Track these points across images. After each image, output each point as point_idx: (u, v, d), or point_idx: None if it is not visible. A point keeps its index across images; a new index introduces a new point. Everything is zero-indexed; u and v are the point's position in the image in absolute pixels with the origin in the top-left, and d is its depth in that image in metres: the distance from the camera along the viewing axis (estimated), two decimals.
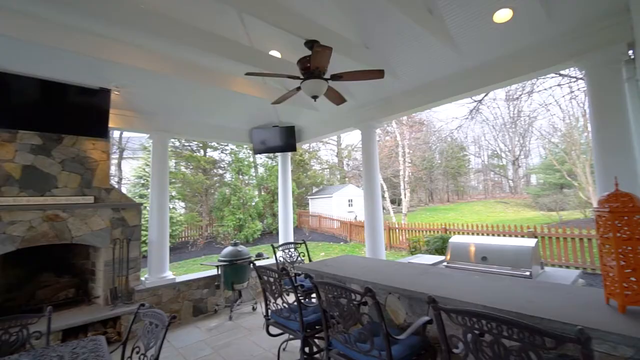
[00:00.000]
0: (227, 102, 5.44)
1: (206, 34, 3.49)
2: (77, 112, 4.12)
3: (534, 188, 22.47)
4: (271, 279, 2.53)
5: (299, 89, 3.23)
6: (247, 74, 3.02)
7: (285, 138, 6.22)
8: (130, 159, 15.84)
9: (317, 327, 2.47)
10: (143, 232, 6.33)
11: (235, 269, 4.74)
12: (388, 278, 2.52)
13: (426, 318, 1.88)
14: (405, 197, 15.41)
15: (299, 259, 4.41)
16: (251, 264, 2.97)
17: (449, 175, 29.56)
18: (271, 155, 15.88)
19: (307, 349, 2.49)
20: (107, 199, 4.56)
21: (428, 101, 4.28)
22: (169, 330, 2.29)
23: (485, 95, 13.12)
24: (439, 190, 30.97)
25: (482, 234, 8.48)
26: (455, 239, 4.11)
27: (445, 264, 3.90)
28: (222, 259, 4.76)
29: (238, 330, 4.21)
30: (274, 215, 15.40)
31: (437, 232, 9.52)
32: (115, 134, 15.05)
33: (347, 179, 25.31)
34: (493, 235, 8.20)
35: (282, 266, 2.43)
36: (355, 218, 16.03)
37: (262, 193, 16.10)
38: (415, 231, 10.46)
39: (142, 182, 12.05)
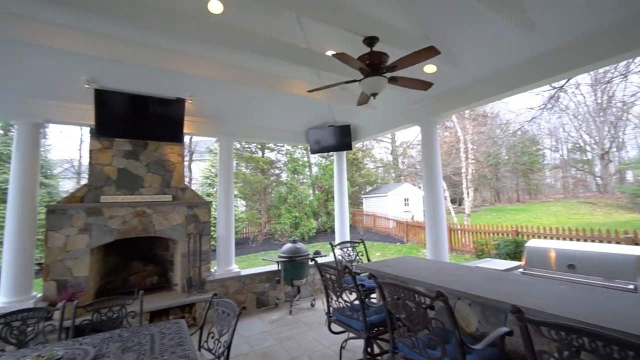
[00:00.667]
0: (285, 104, 5.64)
1: (266, 39, 3.67)
2: (158, 121, 4.64)
3: (630, 186, 19.13)
4: (333, 277, 2.56)
5: (348, 82, 3.21)
6: (310, 91, 3.09)
7: (340, 137, 6.24)
8: (199, 161, 17.41)
9: (380, 328, 2.43)
10: (212, 228, 6.89)
11: (294, 265, 4.91)
12: (456, 282, 2.36)
13: (505, 329, 1.72)
14: (468, 197, 14.34)
15: (357, 258, 4.39)
16: (313, 261, 3.03)
17: (519, 173, 26.71)
18: (325, 154, 16.09)
19: (369, 349, 2.47)
20: (183, 197, 5.07)
21: (498, 91, 3.91)
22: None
23: (567, 81, 11.53)
24: (507, 189, 28.21)
25: (565, 239, 7.48)
26: (533, 243, 3.70)
27: (521, 270, 3.53)
28: (282, 255, 4.96)
29: (298, 325, 4.35)
30: (329, 214, 15.57)
31: (507, 234, 8.68)
32: (186, 138, 16.65)
33: (402, 177, 24.48)
34: (579, 240, 7.18)
35: (345, 265, 2.44)
36: (412, 218, 15.43)
37: (317, 192, 16.40)
38: (481, 233, 9.67)
39: (209, 182, 13.17)
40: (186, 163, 17.04)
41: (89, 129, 4.56)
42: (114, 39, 3.62)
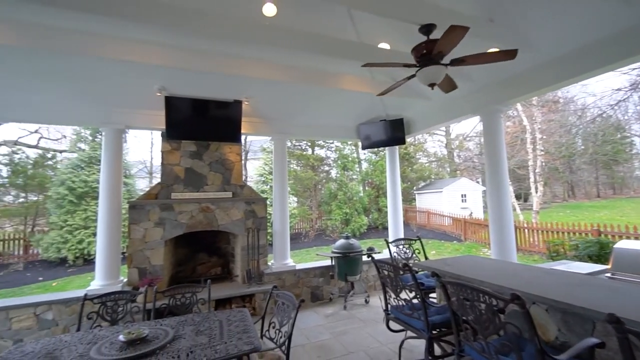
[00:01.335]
0: (336, 100, 5.64)
1: (318, 37, 3.69)
2: (219, 123, 4.97)
3: None
4: (392, 274, 2.50)
5: (409, 78, 3.07)
6: (365, 65, 3.01)
7: (392, 131, 6.06)
8: (253, 160, 18.33)
9: (443, 329, 2.32)
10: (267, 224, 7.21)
11: (348, 261, 4.91)
12: (530, 285, 2.15)
13: (595, 340, 1.52)
14: (536, 192, 12.94)
15: (413, 256, 4.24)
16: (370, 258, 2.99)
17: (599, 164, 23.34)
18: (375, 150, 15.79)
19: (430, 350, 2.37)
20: (241, 194, 5.38)
21: (579, 72, 3.43)
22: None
23: None
24: (584, 183, 24.89)
25: None
26: (623, 244, 3.22)
27: (608, 274, 3.09)
28: (336, 250, 4.99)
29: (353, 321, 4.35)
30: (379, 210, 15.29)
31: (587, 234, 7.65)
32: (242, 138, 17.61)
33: (458, 172, 23.01)
34: None
35: (405, 262, 2.36)
36: (471, 215, 14.43)
37: (367, 188, 16.19)
38: (554, 232, 8.66)
39: (263, 179, 13.78)
40: (242, 162, 18.02)
41: (160, 132, 5.08)
42: (180, 49, 3.96)
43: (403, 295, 2.65)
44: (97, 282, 4.31)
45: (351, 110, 6.00)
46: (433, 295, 3.45)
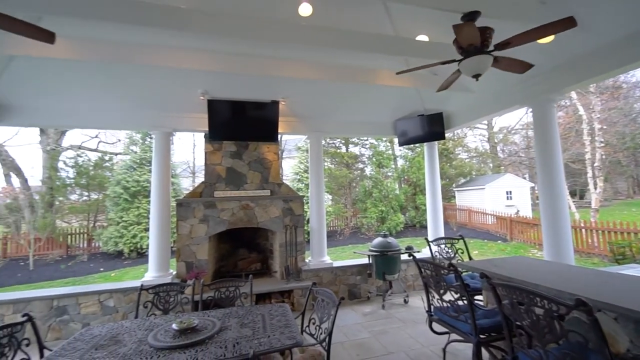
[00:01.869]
0: (372, 96, 5.56)
1: (353, 33, 3.64)
2: (257, 123, 5.11)
3: None
4: (435, 274, 2.41)
5: (442, 63, 2.93)
6: (399, 73, 2.95)
7: (431, 126, 5.84)
8: (288, 158, 18.68)
9: (492, 333, 2.19)
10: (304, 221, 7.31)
11: (386, 259, 4.83)
12: (595, 291, 1.95)
13: None
14: (595, 188, 11.73)
15: (456, 256, 4.05)
16: (411, 257, 2.92)
17: None
18: (411, 146, 15.31)
19: (478, 355, 2.25)
20: (279, 192, 5.51)
21: None
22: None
23: None
24: None
25: None
26: None
27: None
28: (373, 249, 4.93)
29: (392, 321, 4.28)
30: (417, 208, 14.84)
31: None
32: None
33: (502, 167, 21.59)
34: None
35: (449, 262, 2.26)
36: (517, 213, 13.48)
37: (403, 185, 15.78)
38: (618, 233, 7.81)
39: (298, 177, 13.99)
40: (279, 160, 18.44)
41: (203, 134, 5.35)
42: (220, 54, 4.13)
43: (446, 296, 2.55)
44: (150, 274, 4.67)
45: (387, 106, 5.88)
46: (478, 297, 3.28)
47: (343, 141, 17.36)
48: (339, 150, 17.05)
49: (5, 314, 3.99)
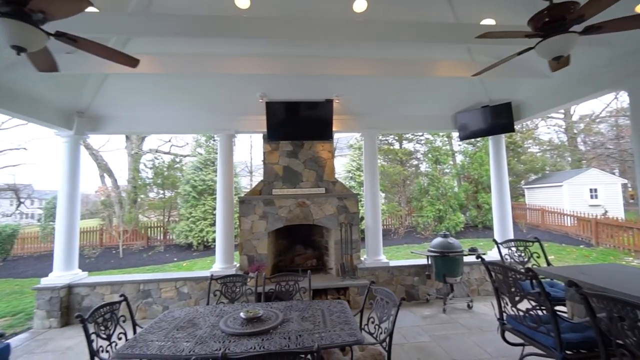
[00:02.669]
0: (430, 89, 5.30)
1: (410, 25, 3.49)
2: (311, 122, 5.21)
3: None
4: (509, 279, 2.21)
5: (521, 53, 2.63)
6: (479, 37, 2.71)
7: (497, 118, 5.35)
8: (340, 157, 18.73)
9: (581, 350, 1.93)
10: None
11: (446, 261, 4.57)
12: None
13: None
14: None
15: (530, 260, 3.66)
16: (479, 259, 2.71)
17: None
18: (472, 140, 14.23)
19: None
20: (333, 190, 5.56)
21: None
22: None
23: None
24: None
25: None
26: None
27: None
28: (433, 249, 4.70)
29: (454, 326, 4.03)
30: (479, 207, 13.76)
31: None
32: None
33: (584, 161, 18.91)
34: None
35: (527, 267, 2.04)
36: (605, 214, 11.70)
37: (463, 183, 14.74)
38: None
39: (350, 175, 13.94)
40: (333, 159, 18.56)
41: (261, 135, 5.62)
42: (277, 57, 4.29)
43: (518, 303, 2.32)
44: (217, 265, 5.07)
45: (447, 98, 5.54)
46: (560, 308, 2.92)
47: (396, 137, 16.83)
48: (392, 147, 16.58)
49: (104, 294, 4.69)
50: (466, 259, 4.78)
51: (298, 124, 5.22)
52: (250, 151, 22.78)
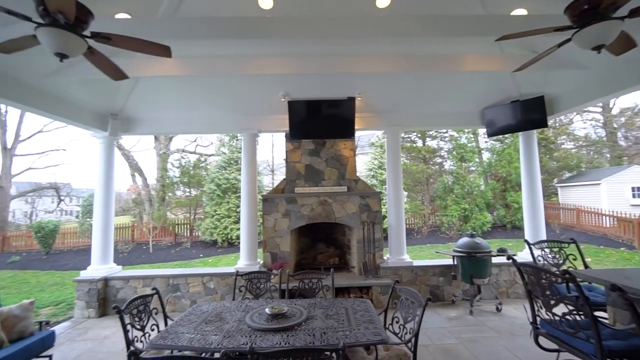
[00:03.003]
0: (455, 85, 5.13)
1: (436, 18, 3.40)
2: (334, 121, 5.19)
3: None
4: (543, 282, 2.10)
5: (561, 44, 2.49)
6: (499, 39, 2.61)
7: (528, 113, 5.09)
8: (361, 155, 18.58)
9: (624, 359, 1.81)
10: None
11: (473, 261, 4.42)
12: None
13: None
14: None
15: (564, 262, 3.47)
16: (511, 260, 2.61)
17: None
18: (500, 137, 13.66)
19: None
20: (356, 188, 5.53)
21: None
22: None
23: None
24: None
25: None
26: None
27: None
28: (459, 249, 4.56)
29: (482, 329, 3.90)
30: (507, 207, 13.20)
31: None
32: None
33: (625, 158, 17.65)
34: None
35: (565, 270, 1.92)
36: None
37: (490, 181, 14.19)
38: None
39: (372, 174, 13.79)
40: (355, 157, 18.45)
41: (284, 134, 5.68)
42: (299, 56, 4.30)
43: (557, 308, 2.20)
44: (241, 262, 5.19)
45: (473, 93, 5.35)
46: (598, 313, 2.75)
47: (419, 135, 16.47)
48: (415, 145, 16.25)
49: (137, 287, 4.94)
50: (494, 259, 4.60)
51: (320, 123, 5.22)
52: (271, 150, 23.08)
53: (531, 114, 5.06)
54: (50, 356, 3.13)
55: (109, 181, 5.23)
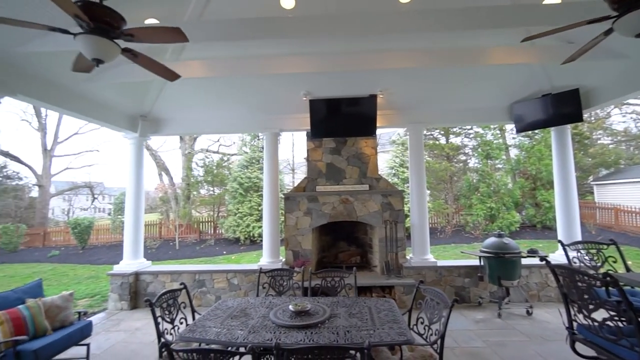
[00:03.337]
0: (481, 79, 4.95)
1: (460, 11, 3.29)
2: (355, 119, 5.15)
3: None
4: (580, 285, 1.99)
5: (608, 33, 2.33)
6: (525, 39, 2.51)
7: (561, 107, 4.82)
8: (382, 153, 18.35)
9: None
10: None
11: (502, 262, 4.26)
12: None
13: None
14: None
15: (604, 265, 3.27)
16: (544, 261, 2.49)
17: None
18: (529, 133, 13.04)
19: None
20: (377, 186, 5.47)
21: None
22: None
23: None
24: None
25: None
26: None
27: None
28: (486, 250, 4.41)
29: (511, 333, 3.75)
30: (537, 206, 12.59)
31: None
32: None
33: None
34: None
35: (605, 273, 1.80)
36: None
37: (518, 179, 13.58)
38: None
39: (393, 172, 13.59)
40: (376, 155, 18.26)
41: (305, 132, 5.71)
42: (320, 55, 4.31)
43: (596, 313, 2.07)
44: (264, 259, 5.27)
45: (501, 88, 5.13)
46: None
47: (442, 132, 16.04)
48: (437, 142, 15.84)
49: (165, 282, 5.14)
50: (524, 261, 4.41)
51: (341, 121, 5.20)
52: (292, 149, 23.27)
53: (565, 107, 4.79)
54: (88, 345, 3.32)
55: (139, 180, 5.48)
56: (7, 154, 16.18)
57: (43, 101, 3.87)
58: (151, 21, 3.43)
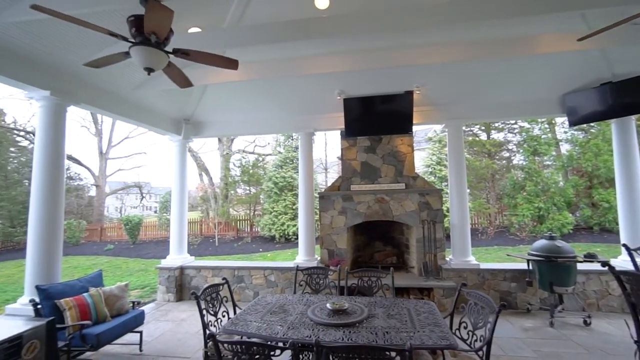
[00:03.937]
0: (527, 69, 4.61)
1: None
2: (390, 116, 5.04)
3: None
4: None
5: None
6: (581, 39, 2.30)
7: (624, 96, 4.35)
8: (418, 150, 17.79)
9: None
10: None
11: (554, 267, 3.94)
12: None
13: None
14: None
15: None
16: (607, 267, 2.26)
17: None
18: (584, 126, 11.92)
19: None
20: (414, 185, 5.31)
21: None
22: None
23: None
24: None
25: None
26: None
27: None
28: (535, 252, 4.11)
29: (567, 344, 3.45)
30: (594, 206, 11.47)
31: None
32: None
33: None
34: None
35: None
36: None
37: (571, 176, 12.47)
38: None
39: (430, 170, 13.12)
40: (413, 153, 17.77)
41: (339, 132, 5.70)
42: (354, 53, 4.28)
43: None
44: (300, 257, 5.35)
45: (550, 78, 4.74)
46: None
47: (483, 127, 15.17)
48: (478, 138, 15.02)
49: (207, 276, 5.42)
50: (580, 266, 4.05)
51: (376, 119, 5.11)
52: (325, 149, 23.36)
53: (628, 97, 4.31)
54: (141, 332, 3.60)
55: (183, 180, 5.82)
56: (70, 157, 18.00)
57: (101, 108, 4.27)
58: (194, 30, 3.62)
